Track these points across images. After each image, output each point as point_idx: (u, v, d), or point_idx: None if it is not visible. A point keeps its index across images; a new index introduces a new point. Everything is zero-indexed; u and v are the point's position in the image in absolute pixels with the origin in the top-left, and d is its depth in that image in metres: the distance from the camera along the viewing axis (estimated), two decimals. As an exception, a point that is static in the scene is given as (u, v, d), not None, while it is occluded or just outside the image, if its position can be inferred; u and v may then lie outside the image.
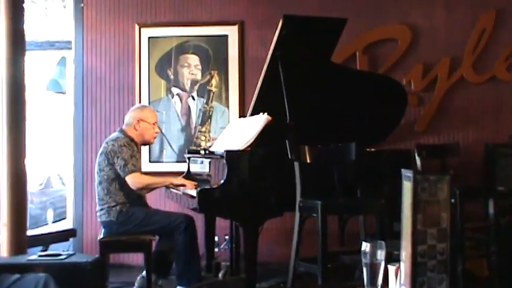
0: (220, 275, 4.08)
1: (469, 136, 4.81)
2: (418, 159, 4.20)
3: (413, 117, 4.79)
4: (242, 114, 4.66)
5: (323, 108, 3.84)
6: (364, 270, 1.64)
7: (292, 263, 3.34)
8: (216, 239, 4.34)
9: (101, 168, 3.77)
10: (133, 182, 3.69)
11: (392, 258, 1.72)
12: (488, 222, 3.80)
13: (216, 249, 4.38)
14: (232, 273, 4.04)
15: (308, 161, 3.38)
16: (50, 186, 10.14)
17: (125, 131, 3.89)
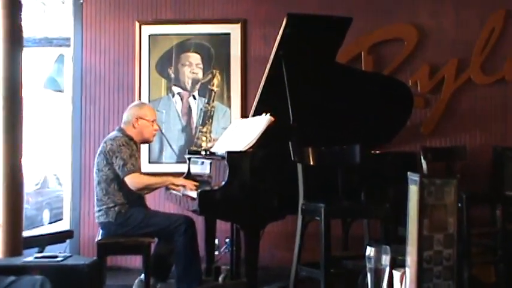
0: (220, 279, 4.08)
1: (476, 139, 4.80)
2: (423, 163, 4.21)
3: (419, 119, 4.78)
4: (244, 115, 4.66)
5: (327, 109, 3.84)
6: (368, 276, 1.64)
7: (294, 267, 3.34)
8: (216, 242, 4.34)
9: (99, 168, 3.77)
10: (132, 182, 3.69)
11: (397, 263, 1.72)
12: (496, 228, 3.81)
13: (216, 253, 4.38)
14: (233, 278, 4.05)
15: (311, 163, 3.38)
16: (46, 186, 10.15)
17: (123, 129, 3.90)
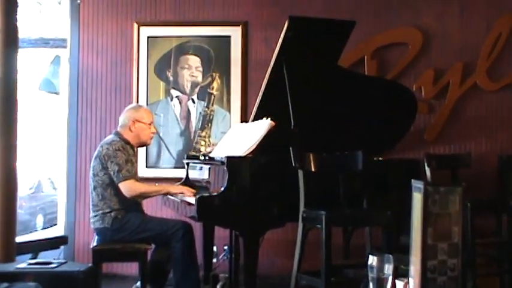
0: (218, 287, 4.08)
1: (481, 146, 4.81)
2: (427, 170, 4.21)
3: (423, 125, 4.79)
4: (244, 119, 4.67)
5: (329, 114, 3.84)
6: (370, 285, 1.64)
7: (294, 276, 3.34)
8: (214, 249, 4.34)
9: (95, 173, 3.78)
10: (127, 189, 3.68)
11: (399, 273, 1.73)
12: (501, 238, 3.80)
13: (214, 260, 4.38)
14: (231, 286, 4.04)
15: (312, 169, 3.38)
16: (40, 190, 10.13)
17: (120, 133, 3.90)
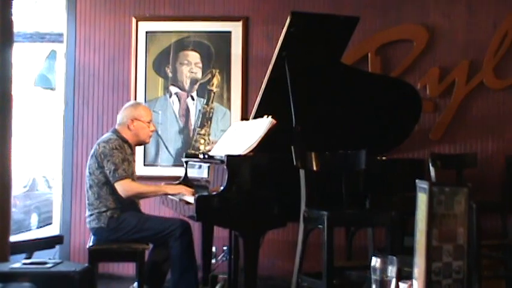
0: (217, 288, 4.09)
1: (488, 146, 4.81)
2: (432, 170, 4.21)
3: (428, 124, 4.79)
4: (244, 117, 4.66)
5: (331, 112, 3.85)
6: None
7: (295, 277, 3.34)
8: (213, 249, 4.35)
9: (91, 171, 3.78)
10: (123, 189, 3.68)
11: (403, 275, 1.73)
12: (507, 240, 3.81)
13: (213, 261, 4.38)
14: (230, 287, 4.05)
15: (314, 168, 3.39)
16: (34, 188, 10.13)
17: (118, 131, 3.90)
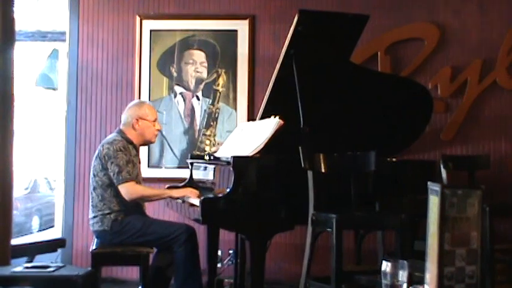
0: (222, 293, 4.10)
1: (501, 147, 4.80)
2: (443, 172, 4.20)
3: (439, 125, 4.79)
4: (251, 117, 4.68)
5: (340, 112, 3.85)
6: (383, 292, 1.66)
7: (302, 282, 3.34)
8: (219, 253, 4.35)
9: (95, 173, 3.79)
10: (126, 192, 3.69)
11: (414, 280, 1.73)
12: (521, 244, 3.80)
13: (219, 265, 4.39)
14: (236, 292, 4.06)
15: (323, 170, 3.39)
16: (36, 190, 10.15)
17: (123, 131, 3.91)
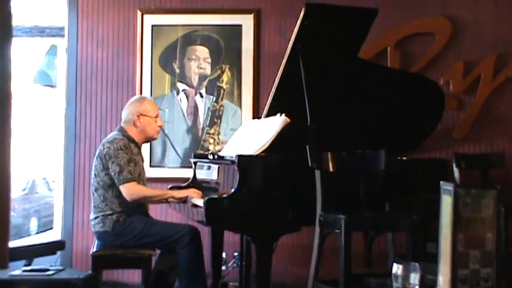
0: (227, 296, 4.11)
1: (516, 145, 4.80)
2: (456, 171, 4.19)
3: (451, 122, 4.78)
4: (256, 115, 4.68)
5: (348, 109, 3.85)
6: (395, 296, 1.66)
7: (310, 285, 3.34)
8: (223, 255, 4.36)
9: (96, 173, 3.80)
10: (128, 192, 3.70)
11: (426, 283, 1.73)
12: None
13: (223, 268, 4.40)
14: (242, 296, 4.07)
15: (331, 169, 3.40)
16: (34, 191, 10.15)
17: (124, 129, 3.91)
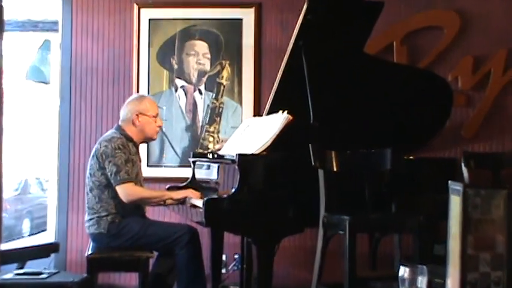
0: (227, 300, 4.11)
1: (527, 144, 4.80)
2: (465, 170, 4.20)
3: (460, 120, 4.78)
4: (257, 113, 4.69)
5: (353, 107, 3.85)
6: (402, 300, 1.66)
7: (313, 289, 3.36)
8: (223, 258, 4.37)
9: (91, 172, 3.81)
10: (124, 193, 3.71)
11: (433, 286, 1.73)
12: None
13: (223, 271, 4.41)
14: (242, 299, 4.07)
15: (335, 168, 3.40)
16: (26, 192, 10.17)
17: (122, 128, 3.92)
